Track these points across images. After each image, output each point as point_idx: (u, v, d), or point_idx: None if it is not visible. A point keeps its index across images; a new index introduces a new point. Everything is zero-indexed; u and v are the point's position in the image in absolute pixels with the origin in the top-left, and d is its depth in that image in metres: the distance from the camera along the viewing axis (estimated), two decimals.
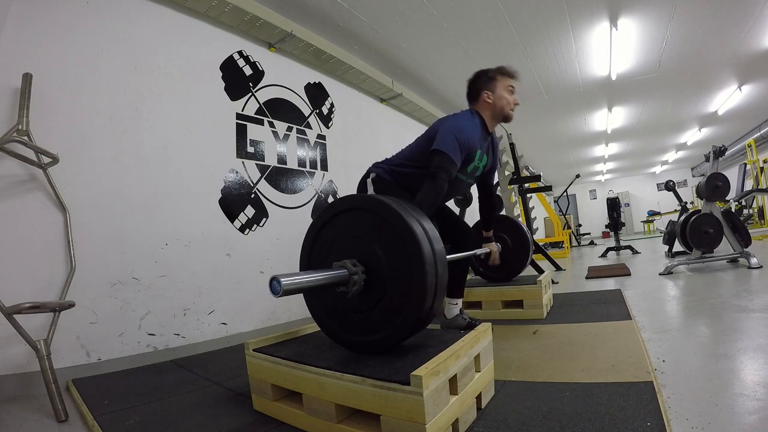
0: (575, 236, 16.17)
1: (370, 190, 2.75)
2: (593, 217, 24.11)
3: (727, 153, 5.91)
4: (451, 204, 7.23)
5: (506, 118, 2.82)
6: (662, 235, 9.27)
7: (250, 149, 4.28)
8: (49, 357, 2.24)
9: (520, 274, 3.99)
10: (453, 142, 2.50)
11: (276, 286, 1.39)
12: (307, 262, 1.99)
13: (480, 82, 2.82)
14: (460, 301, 3.08)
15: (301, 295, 1.74)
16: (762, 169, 12.51)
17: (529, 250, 3.80)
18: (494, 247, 3.34)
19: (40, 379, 2.19)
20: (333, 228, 1.89)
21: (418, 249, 1.60)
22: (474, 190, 3.42)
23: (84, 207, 2.97)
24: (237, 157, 4.13)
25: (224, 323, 3.70)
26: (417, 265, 1.60)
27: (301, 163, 4.92)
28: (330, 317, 1.91)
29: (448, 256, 1.80)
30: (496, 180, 5.44)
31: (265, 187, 4.37)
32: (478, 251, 3.25)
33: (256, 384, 1.98)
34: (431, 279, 1.60)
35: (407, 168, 2.75)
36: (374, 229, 1.74)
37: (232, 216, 3.96)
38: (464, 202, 7.86)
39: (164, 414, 2.07)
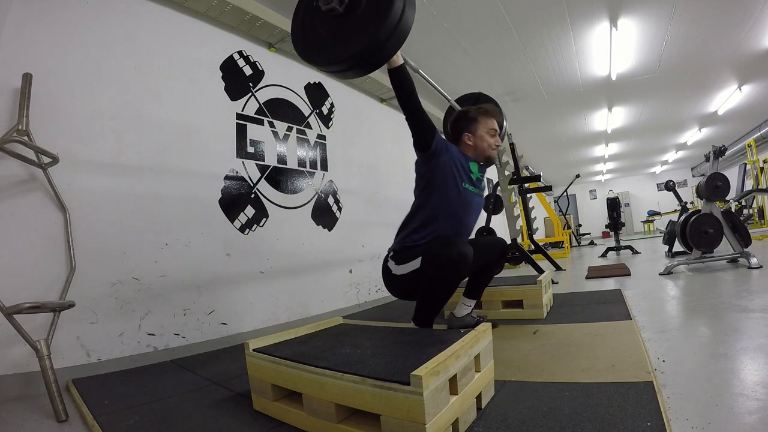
0: (575, 236, 16.18)
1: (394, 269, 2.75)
2: (593, 217, 24.14)
3: (727, 153, 5.92)
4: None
5: (489, 160, 2.91)
6: (662, 235, 9.28)
7: (250, 149, 4.28)
8: (49, 357, 2.24)
9: (520, 274, 3.98)
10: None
11: None
12: None
13: (461, 123, 2.93)
14: (473, 303, 3.10)
15: (301, 294, 1.76)
16: (762, 169, 12.52)
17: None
18: None
19: (40, 379, 2.19)
20: None
21: None
22: None
23: (84, 207, 2.97)
24: (237, 157, 4.13)
25: (224, 323, 3.70)
26: None
27: (301, 163, 4.92)
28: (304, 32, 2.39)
29: None
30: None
31: (265, 187, 4.37)
32: None
33: (256, 384, 1.98)
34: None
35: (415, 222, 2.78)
36: None
37: (232, 216, 3.96)
38: None
39: (164, 414, 2.07)
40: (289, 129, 4.82)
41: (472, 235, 3.12)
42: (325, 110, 5.47)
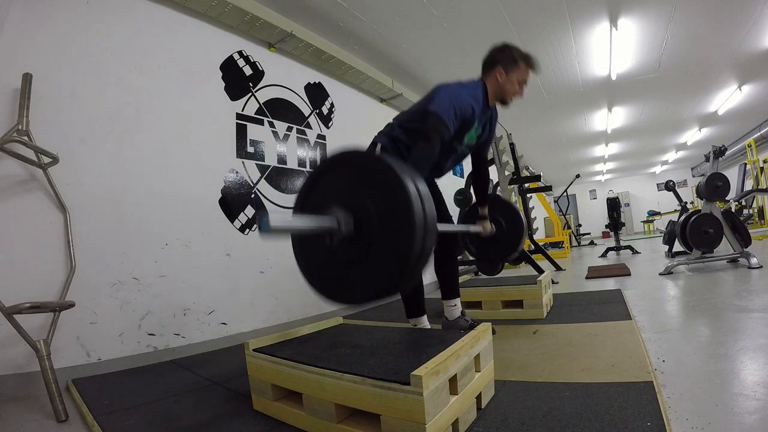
0: (575, 236, 16.17)
1: None
2: (593, 217, 24.11)
3: (727, 153, 5.92)
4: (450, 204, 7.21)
5: (503, 102, 2.88)
6: (662, 235, 9.28)
7: (250, 149, 4.28)
8: (49, 357, 2.25)
9: (520, 274, 3.98)
10: (449, 108, 2.48)
11: (264, 222, 1.34)
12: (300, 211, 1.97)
13: (501, 56, 2.86)
14: (458, 302, 3.07)
15: (301, 293, 1.69)
16: (762, 169, 12.51)
17: (523, 233, 3.79)
18: (487, 226, 3.25)
19: (40, 379, 2.19)
20: (326, 180, 1.86)
21: (408, 205, 1.54)
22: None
23: (84, 207, 2.97)
24: (237, 157, 4.13)
25: (224, 323, 3.70)
26: (405, 223, 1.54)
27: (301, 163, 4.92)
28: (314, 266, 1.90)
29: (439, 227, 1.76)
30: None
31: (265, 187, 4.37)
32: (471, 227, 3.23)
33: (256, 384, 1.98)
34: (419, 238, 1.54)
35: (405, 129, 2.76)
36: (366, 183, 1.69)
37: (232, 216, 3.96)
38: (464, 203, 7.85)
39: (164, 414, 2.07)
40: (289, 129, 4.82)
41: None
42: (325, 110, 5.47)
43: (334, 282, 1.81)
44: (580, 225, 22.50)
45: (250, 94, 4.39)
